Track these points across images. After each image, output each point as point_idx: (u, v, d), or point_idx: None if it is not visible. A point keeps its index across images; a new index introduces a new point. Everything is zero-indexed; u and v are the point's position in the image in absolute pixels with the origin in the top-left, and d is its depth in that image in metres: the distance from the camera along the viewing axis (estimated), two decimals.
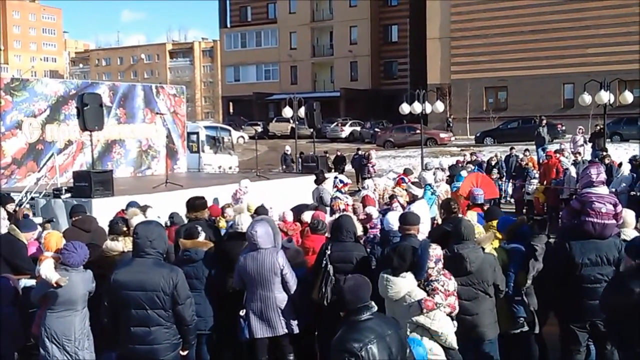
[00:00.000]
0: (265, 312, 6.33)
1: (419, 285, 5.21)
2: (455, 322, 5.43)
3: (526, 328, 6.56)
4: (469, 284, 5.86)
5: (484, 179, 11.22)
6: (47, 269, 5.85)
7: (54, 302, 5.79)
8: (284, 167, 24.58)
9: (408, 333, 5.07)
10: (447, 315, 5.25)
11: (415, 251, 5.41)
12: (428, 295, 5.18)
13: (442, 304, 5.21)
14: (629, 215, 6.38)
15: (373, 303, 4.12)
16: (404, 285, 5.10)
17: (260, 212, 8.97)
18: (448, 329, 5.12)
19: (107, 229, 7.65)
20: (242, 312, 6.42)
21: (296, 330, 6.44)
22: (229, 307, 6.73)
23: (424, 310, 5.03)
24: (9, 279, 6.36)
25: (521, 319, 6.47)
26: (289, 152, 24.80)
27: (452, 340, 5.13)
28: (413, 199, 9.90)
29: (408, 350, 4.24)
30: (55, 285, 5.74)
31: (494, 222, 7.05)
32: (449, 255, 5.89)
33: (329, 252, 6.38)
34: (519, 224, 6.97)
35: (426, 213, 9.36)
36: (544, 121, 24.67)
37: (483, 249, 6.19)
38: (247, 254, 6.37)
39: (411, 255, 5.24)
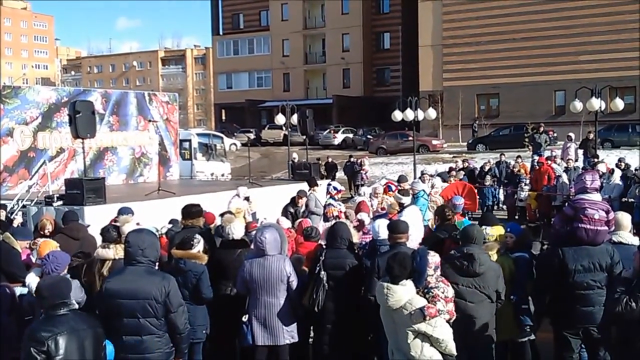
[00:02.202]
0: (268, 319, 6.32)
1: (417, 293, 5.20)
2: (451, 329, 5.41)
3: (533, 337, 6.61)
4: (475, 286, 5.86)
5: (471, 191, 11.21)
6: (30, 278, 5.84)
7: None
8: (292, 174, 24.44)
9: (409, 341, 5.05)
10: (447, 322, 5.24)
11: (414, 258, 5.41)
12: (429, 302, 5.16)
13: (444, 310, 5.21)
14: (625, 218, 6.40)
15: (74, 301, 4.48)
16: (404, 293, 5.08)
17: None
18: (449, 336, 5.10)
19: (99, 237, 7.61)
20: (244, 318, 6.39)
21: (296, 339, 6.44)
22: (222, 315, 6.71)
23: (427, 318, 5.01)
24: (7, 288, 6.31)
25: (528, 327, 6.50)
26: (296, 160, 24.70)
27: (452, 348, 5.12)
28: (401, 206, 9.93)
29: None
30: (34, 294, 5.72)
31: (489, 229, 7.02)
32: (458, 255, 5.91)
33: (322, 258, 6.39)
34: (526, 235, 7.04)
35: (418, 219, 9.35)
36: (542, 128, 24.79)
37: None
38: (253, 259, 6.35)
39: (411, 262, 5.23)
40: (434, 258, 5.47)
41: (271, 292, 6.29)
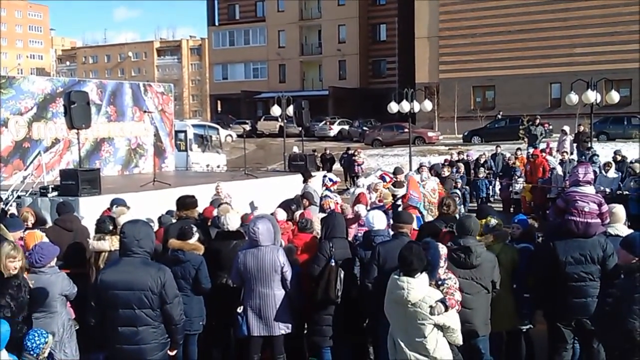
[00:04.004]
0: (263, 309, 6.34)
1: (430, 285, 5.19)
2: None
3: (531, 326, 6.68)
4: (471, 278, 5.91)
5: (412, 182, 11.33)
6: None
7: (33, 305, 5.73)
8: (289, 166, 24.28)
9: (427, 334, 5.02)
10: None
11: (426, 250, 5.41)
12: (443, 294, 5.17)
13: (459, 300, 5.26)
14: (619, 210, 6.45)
15: None
16: (422, 286, 5.05)
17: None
18: (459, 326, 5.13)
19: (94, 228, 7.60)
20: (239, 309, 6.41)
21: (290, 329, 6.46)
22: (218, 305, 6.72)
23: (449, 309, 5.02)
24: None
25: (527, 316, 6.58)
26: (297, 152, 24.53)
27: (460, 337, 5.15)
28: (394, 198, 9.98)
29: None
30: None
31: (491, 222, 7.03)
32: (455, 247, 5.94)
33: (333, 250, 6.45)
34: (532, 227, 7.17)
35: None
36: (538, 120, 24.83)
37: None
38: (247, 250, 6.37)
39: (425, 254, 5.21)
40: (443, 250, 5.50)
41: (265, 282, 6.31)
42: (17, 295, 5.16)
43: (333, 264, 6.39)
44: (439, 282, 5.33)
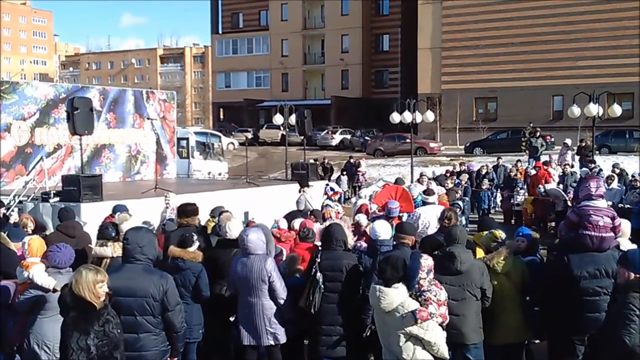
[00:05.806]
0: (251, 318, 6.33)
1: (410, 296, 5.21)
2: (445, 332, 5.43)
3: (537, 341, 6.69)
4: (458, 284, 5.91)
5: (404, 194, 11.12)
6: (41, 276, 5.78)
7: (45, 307, 5.71)
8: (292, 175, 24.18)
9: (401, 344, 5.06)
10: (439, 325, 5.26)
11: (406, 261, 5.42)
12: (421, 305, 5.18)
13: (436, 314, 5.23)
14: (625, 225, 6.43)
15: None
16: (397, 296, 5.11)
17: None
18: (441, 339, 5.13)
19: (96, 234, 7.60)
20: (232, 318, 6.41)
21: (282, 339, 6.42)
22: (217, 313, 6.71)
23: (419, 321, 5.03)
24: (8, 285, 6.28)
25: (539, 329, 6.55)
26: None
27: (444, 351, 5.15)
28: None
29: None
30: (52, 290, 5.67)
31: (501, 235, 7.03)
32: (440, 254, 5.97)
33: (318, 260, 6.37)
34: (536, 240, 7.20)
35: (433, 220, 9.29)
36: (538, 132, 24.84)
37: (474, 253, 6.25)
38: (239, 259, 6.39)
39: (403, 265, 5.25)
40: (426, 261, 5.47)
41: (252, 291, 6.30)
42: (103, 337, 4.40)
43: (312, 273, 6.34)
44: (417, 293, 5.34)
